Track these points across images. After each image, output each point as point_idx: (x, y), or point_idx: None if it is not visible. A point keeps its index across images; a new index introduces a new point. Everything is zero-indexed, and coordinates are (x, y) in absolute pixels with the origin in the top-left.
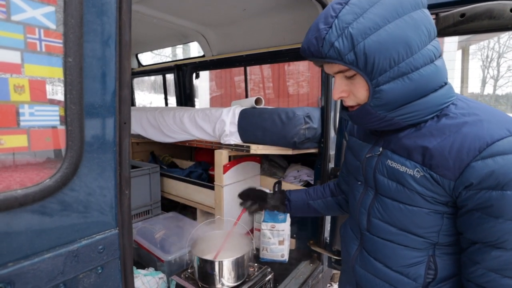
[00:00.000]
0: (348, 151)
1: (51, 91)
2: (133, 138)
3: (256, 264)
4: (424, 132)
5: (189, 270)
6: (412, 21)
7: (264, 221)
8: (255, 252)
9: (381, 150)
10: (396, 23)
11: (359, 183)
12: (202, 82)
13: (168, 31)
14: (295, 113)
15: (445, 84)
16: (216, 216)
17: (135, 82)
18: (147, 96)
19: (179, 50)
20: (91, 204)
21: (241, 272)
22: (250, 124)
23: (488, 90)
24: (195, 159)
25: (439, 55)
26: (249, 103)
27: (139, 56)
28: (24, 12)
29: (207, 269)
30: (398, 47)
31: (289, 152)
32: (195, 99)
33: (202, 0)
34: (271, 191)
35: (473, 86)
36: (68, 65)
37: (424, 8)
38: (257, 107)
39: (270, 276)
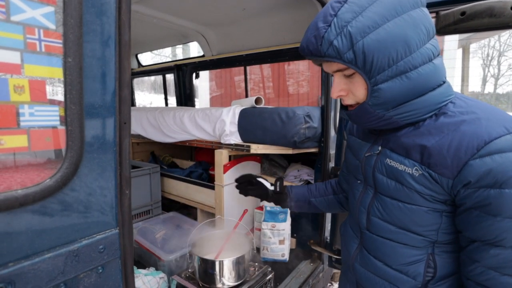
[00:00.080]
0: (347, 150)
1: (51, 91)
2: (133, 138)
3: (257, 263)
4: (422, 131)
5: (189, 270)
6: (411, 20)
7: (264, 220)
8: (255, 251)
9: (380, 149)
10: (395, 21)
11: (359, 182)
12: (202, 82)
13: (167, 31)
14: (295, 112)
15: (443, 83)
16: (217, 216)
17: (135, 82)
18: (147, 96)
19: (179, 50)
20: (92, 204)
21: (241, 271)
22: (250, 123)
23: (489, 88)
24: (195, 159)
25: (438, 54)
26: (249, 102)
27: (139, 56)
28: (23, 13)
29: (207, 268)
30: (397, 45)
31: (289, 151)
32: (195, 99)
33: (202, 0)
34: (272, 184)
35: (473, 85)
36: (67, 65)
37: (423, 7)
38: (257, 106)
39: (270, 275)
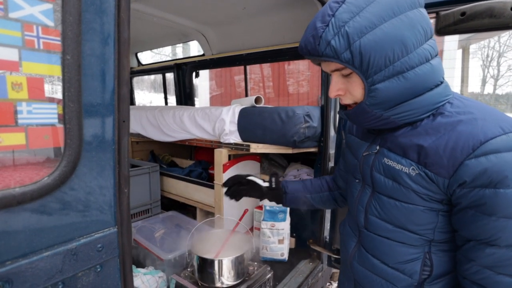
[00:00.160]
0: (347, 149)
1: (49, 89)
2: (133, 137)
3: (256, 263)
4: (419, 131)
5: (188, 269)
6: (408, 20)
7: (263, 220)
8: (254, 251)
9: (378, 148)
10: (392, 22)
11: (357, 181)
12: (202, 81)
13: (167, 30)
14: (295, 112)
15: (441, 83)
16: (216, 215)
17: (135, 81)
18: (147, 95)
19: (179, 49)
20: (90, 203)
21: (240, 271)
22: (250, 123)
23: (488, 89)
24: (195, 158)
25: (436, 54)
26: (249, 102)
27: (138, 55)
28: (22, 10)
29: (206, 268)
30: (393, 46)
31: (289, 151)
32: (195, 98)
33: None
34: (265, 181)
35: (473, 85)
36: (66, 63)
37: (421, 7)
38: (257, 106)
39: (269, 275)
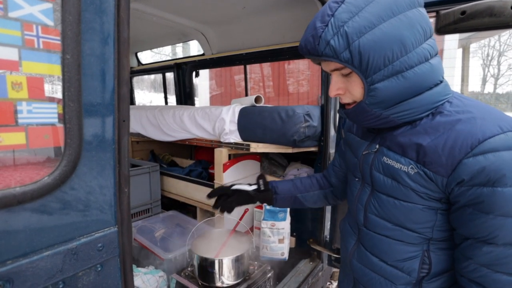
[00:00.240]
0: (346, 147)
1: (49, 89)
2: (133, 136)
3: (256, 262)
4: (418, 130)
5: (189, 269)
6: (407, 20)
7: (264, 219)
8: (255, 250)
9: (377, 147)
10: (391, 22)
11: (357, 180)
12: (202, 81)
13: (167, 29)
14: (295, 111)
15: (440, 82)
16: (216, 215)
17: (135, 81)
18: (147, 95)
19: (179, 48)
20: (90, 202)
21: (241, 270)
22: (250, 122)
23: (489, 88)
24: (195, 157)
25: (435, 54)
26: (249, 101)
27: (138, 54)
28: (21, 9)
29: (207, 267)
30: (392, 45)
31: (289, 150)
32: (195, 97)
33: None
34: (252, 185)
35: (473, 85)
36: (66, 62)
37: (420, 7)
38: (257, 105)
39: (270, 274)
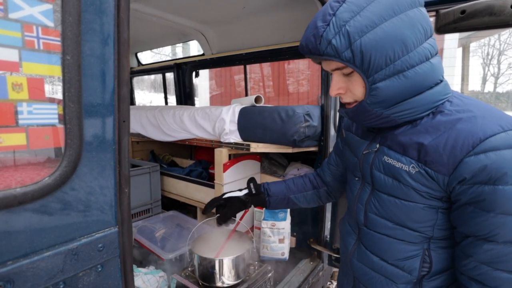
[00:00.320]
0: (346, 147)
1: (50, 89)
2: (133, 137)
3: (256, 262)
4: (419, 129)
5: (189, 269)
6: (408, 19)
7: (264, 219)
8: (255, 250)
9: (378, 146)
10: (392, 21)
11: (356, 179)
12: (202, 81)
13: (167, 29)
14: (295, 111)
15: (440, 82)
16: (216, 215)
17: (135, 81)
18: (147, 95)
19: (178, 49)
20: (91, 202)
21: (241, 270)
22: (250, 122)
23: (489, 87)
24: (195, 157)
25: (435, 53)
26: (249, 101)
27: (138, 55)
28: (21, 10)
29: (207, 267)
30: (394, 45)
31: (289, 150)
32: (195, 97)
33: None
34: (242, 190)
35: (473, 84)
36: (66, 63)
37: (421, 6)
38: (257, 105)
39: (270, 274)
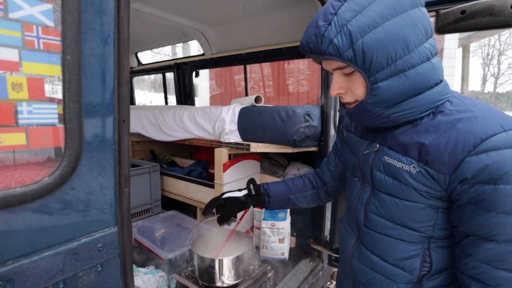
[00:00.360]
0: (345, 147)
1: (50, 89)
2: (133, 137)
3: (256, 262)
4: (420, 129)
5: (189, 268)
6: (409, 19)
7: (264, 219)
8: (255, 250)
9: (378, 146)
10: (394, 21)
11: (356, 179)
12: (202, 81)
13: (167, 29)
14: (295, 111)
15: (440, 82)
16: (216, 215)
17: (135, 81)
18: (147, 95)
19: (179, 48)
20: (91, 202)
21: (241, 270)
22: (250, 122)
23: (489, 88)
24: (195, 157)
25: (436, 53)
26: (249, 101)
27: (138, 54)
28: (21, 10)
29: (207, 267)
30: (395, 45)
31: (289, 150)
32: (195, 97)
33: None
34: (242, 190)
35: (473, 84)
36: (66, 63)
37: (422, 6)
38: (257, 105)
39: (270, 274)
